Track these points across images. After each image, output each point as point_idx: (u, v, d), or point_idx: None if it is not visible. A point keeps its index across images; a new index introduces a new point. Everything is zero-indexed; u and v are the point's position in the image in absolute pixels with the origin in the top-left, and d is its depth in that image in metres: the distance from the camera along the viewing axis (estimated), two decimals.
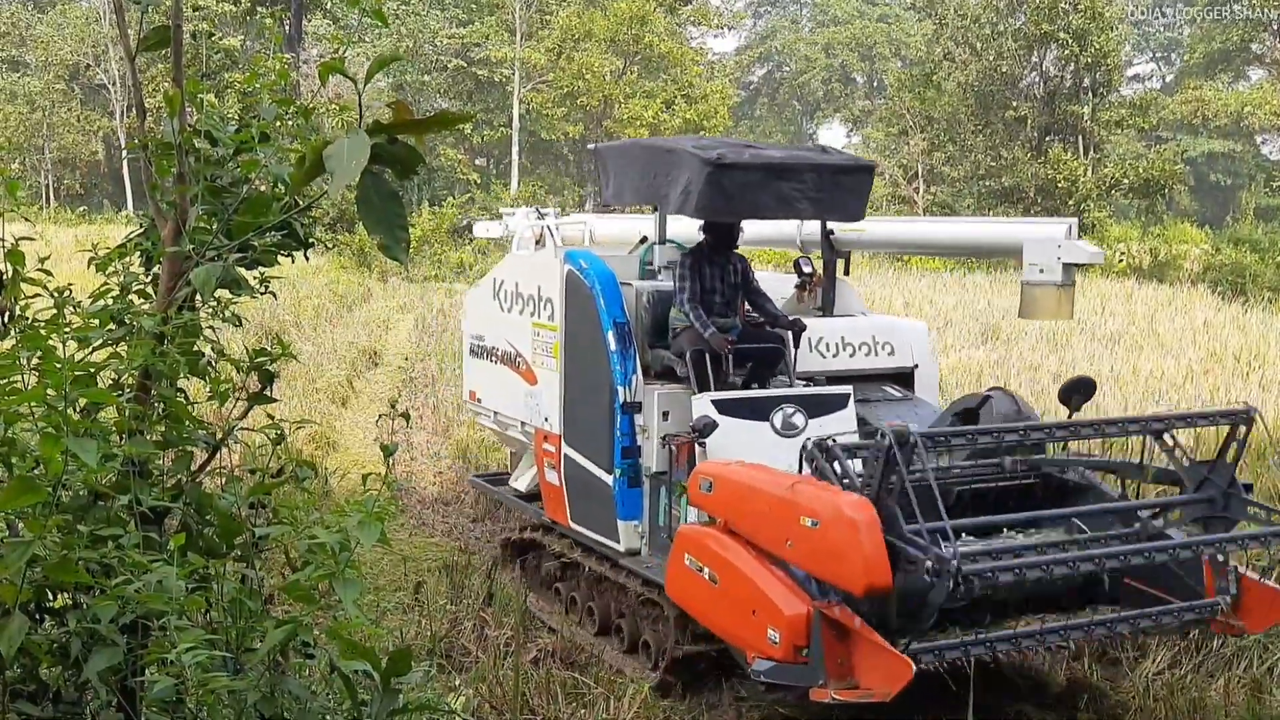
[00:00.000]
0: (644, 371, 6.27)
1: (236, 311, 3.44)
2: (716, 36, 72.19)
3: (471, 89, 45.56)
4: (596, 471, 6.38)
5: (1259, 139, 53.72)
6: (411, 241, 5.11)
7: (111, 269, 3.46)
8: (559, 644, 6.39)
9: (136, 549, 2.72)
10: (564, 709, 5.41)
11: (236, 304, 3.42)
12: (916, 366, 6.99)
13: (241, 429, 3.46)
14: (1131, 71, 56.28)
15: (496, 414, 7.69)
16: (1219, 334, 16.62)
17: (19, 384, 2.81)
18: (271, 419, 3.26)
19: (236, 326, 3.51)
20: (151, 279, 3.44)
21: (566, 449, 6.67)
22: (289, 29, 41.78)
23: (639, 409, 6.13)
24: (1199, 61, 50.91)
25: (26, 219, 3.48)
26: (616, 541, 6.24)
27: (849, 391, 6.21)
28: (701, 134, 32.97)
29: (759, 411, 5.89)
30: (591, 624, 6.66)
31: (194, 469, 3.29)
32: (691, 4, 46.87)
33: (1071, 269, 6.06)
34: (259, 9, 38.65)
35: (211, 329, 3.37)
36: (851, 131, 61.27)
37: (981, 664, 4.87)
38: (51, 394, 2.65)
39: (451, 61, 44.11)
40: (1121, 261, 26.80)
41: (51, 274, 3.22)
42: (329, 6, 42.56)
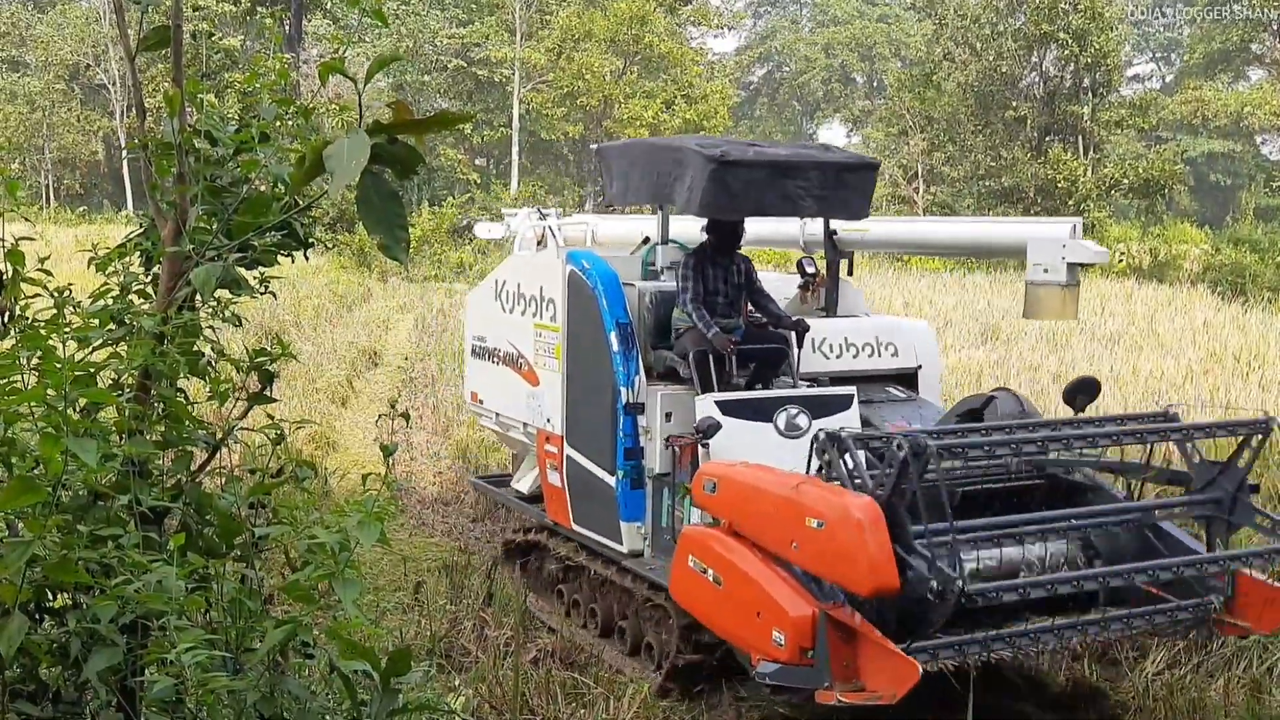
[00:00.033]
0: (647, 372, 6.24)
1: (236, 311, 3.44)
2: (716, 36, 72.22)
3: (471, 89, 45.56)
4: (599, 473, 6.36)
5: (1259, 139, 53.73)
6: (411, 241, 5.10)
7: (111, 269, 3.46)
8: (559, 644, 6.39)
9: (136, 549, 2.72)
10: (564, 709, 5.40)
11: (236, 304, 3.42)
12: (920, 367, 6.95)
13: (241, 429, 3.46)
14: (1131, 71, 56.39)
15: (498, 415, 7.67)
16: (1219, 334, 16.61)
17: (19, 384, 2.81)
18: (271, 419, 3.26)
19: (236, 326, 3.51)
20: (151, 279, 3.43)
21: (569, 450, 6.65)
22: (289, 29, 41.79)
23: (642, 410, 6.11)
24: (1199, 61, 50.93)
25: (26, 219, 3.47)
26: (619, 543, 6.22)
27: (853, 392, 6.19)
28: (702, 134, 32.96)
29: (762, 412, 5.87)
30: (594, 626, 6.65)
31: (194, 469, 3.29)
32: (691, 4, 46.89)
33: (1076, 269, 6.04)
34: (259, 9, 38.67)
35: (211, 329, 3.37)
36: (851, 132, 61.28)
37: (981, 664, 4.86)
38: (51, 394, 2.64)
39: (451, 61, 44.11)
40: (1121, 262, 26.75)
41: (51, 274, 3.22)
42: (329, 6, 42.56)
